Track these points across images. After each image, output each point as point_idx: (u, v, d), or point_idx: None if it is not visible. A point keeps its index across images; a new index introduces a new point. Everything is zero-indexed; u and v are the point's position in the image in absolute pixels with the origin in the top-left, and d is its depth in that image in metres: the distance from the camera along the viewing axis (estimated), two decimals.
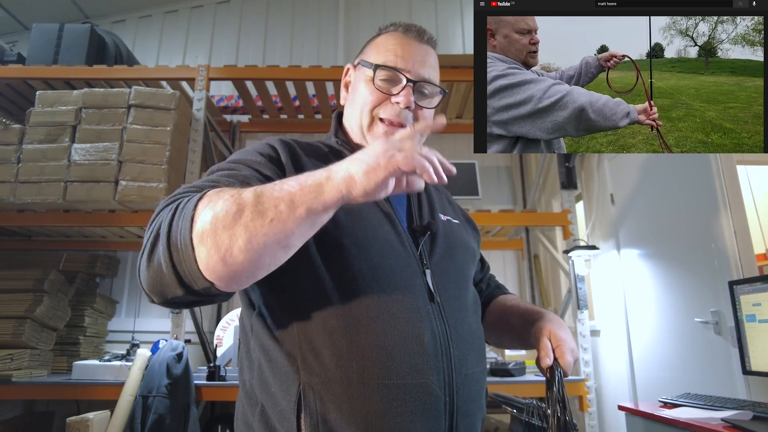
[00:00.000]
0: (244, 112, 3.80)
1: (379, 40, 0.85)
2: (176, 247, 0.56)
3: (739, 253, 1.89)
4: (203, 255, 0.55)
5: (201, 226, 0.55)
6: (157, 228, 0.59)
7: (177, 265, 0.56)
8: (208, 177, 0.70)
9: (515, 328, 0.91)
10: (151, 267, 0.58)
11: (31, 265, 3.03)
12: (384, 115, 0.80)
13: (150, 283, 0.58)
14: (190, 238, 0.55)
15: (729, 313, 1.80)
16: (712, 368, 1.96)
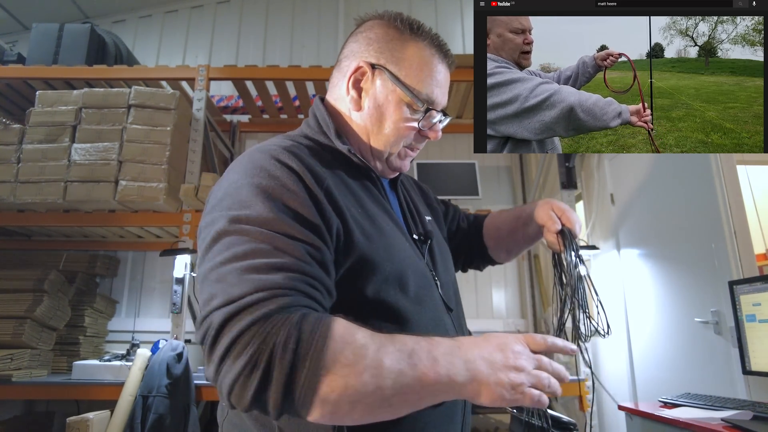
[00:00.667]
0: (244, 112, 3.80)
1: (417, 58, 0.77)
2: (294, 396, 0.51)
3: (739, 253, 1.89)
4: (316, 414, 0.52)
5: (327, 391, 0.51)
6: (269, 356, 0.51)
7: (284, 409, 0.52)
8: (275, 279, 0.56)
9: (518, 227, 0.98)
10: (252, 391, 0.51)
11: (31, 265, 3.03)
12: (414, 144, 0.82)
13: (245, 403, 0.52)
14: (312, 398, 0.51)
15: (729, 313, 1.80)
16: (712, 368, 1.96)
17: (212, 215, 0.65)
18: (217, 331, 0.54)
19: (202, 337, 0.56)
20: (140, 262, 3.56)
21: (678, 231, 2.21)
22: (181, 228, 2.76)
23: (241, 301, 0.54)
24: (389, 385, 0.52)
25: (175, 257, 2.64)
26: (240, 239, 0.59)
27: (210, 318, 0.55)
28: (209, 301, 0.57)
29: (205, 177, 2.70)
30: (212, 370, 0.54)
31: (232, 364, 0.52)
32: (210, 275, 0.59)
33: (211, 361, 0.54)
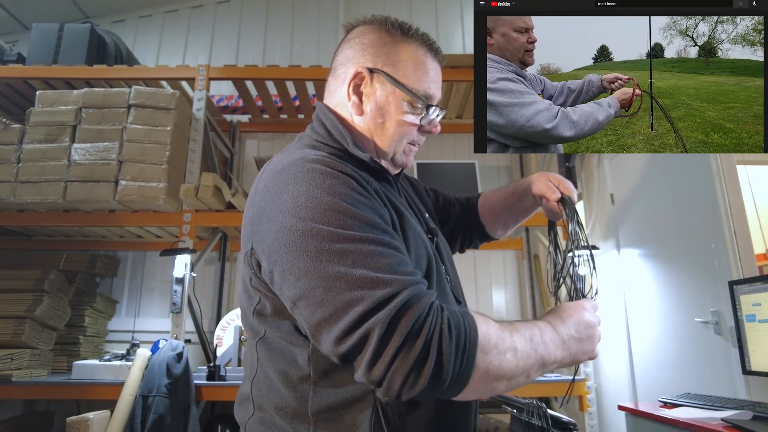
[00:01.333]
0: (244, 112, 3.80)
1: (411, 59, 0.81)
2: (458, 376, 0.59)
3: (739, 253, 1.89)
4: (471, 389, 0.61)
5: (483, 369, 0.61)
6: (438, 346, 0.58)
7: (448, 390, 0.60)
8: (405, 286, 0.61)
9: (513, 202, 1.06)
10: (427, 379, 0.57)
11: (31, 265, 3.03)
12: (416, 140, 0.86)
13: (416, 390, 0.58)
14: (469, 376, 0.60)
15: (729, 313, 1.80)
16: (712, 368, 1.96)
17: (292, 227, 0.63)
18: (386, 334, 0.57)
19: (356, 344, 0.58)
20: (140, 262, 3.56)
21: (678, 231, 2.21)
22: (181, 228, 2.76)
23: (395, 303, 0.58)
24: (522, 364, 0.64)
25: (175, 257, 2.64)
26: (350, 244, 0.61)
27: (368, 324, 0.57)
28: (351, 306, 0.58)
29: (205, 177, 2.69)
30: (381, 370, 0.57)
31: (404, 358, 0.57)
32: (333, 282, 0.59)
33: (380, 363, 0.57)
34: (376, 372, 0.57)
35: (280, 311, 0.70)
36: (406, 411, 0.68)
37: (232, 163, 3.76)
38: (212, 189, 2.66)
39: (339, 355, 0.60)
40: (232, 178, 3.58)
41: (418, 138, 0.86)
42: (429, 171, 3.32)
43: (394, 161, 0.86)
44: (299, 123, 3.82)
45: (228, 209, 2.90)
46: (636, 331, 2.51)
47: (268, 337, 0.74)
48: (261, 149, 3.88)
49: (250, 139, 3.94)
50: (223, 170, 3.56)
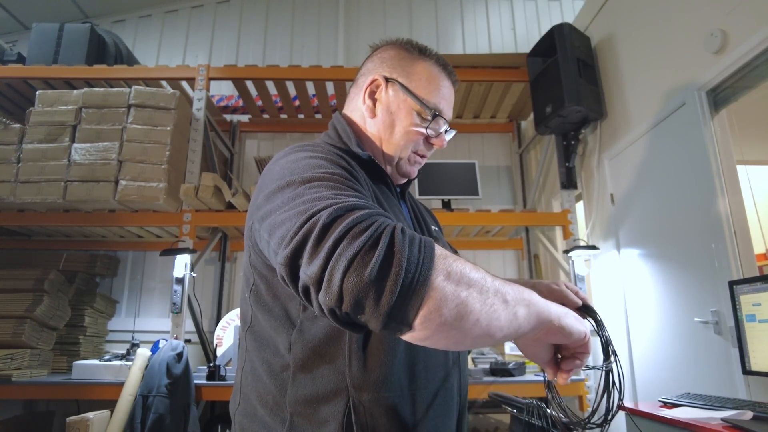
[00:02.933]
0: (244, 111, 3.80)
1: (425, 72, 0.87)
2: (417, 267, 0.50)
3: (739, 253, 1.89)
4: (430, 304, 0.49)
5: (445, 267, 0.51)
6: (389, 237, 0.51)
7: (405, 284, 0.49)
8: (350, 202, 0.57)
9: None
10: (373, 265, 0.48)
11: (31, 265, 3.03)
12: (421, 151, 0.89)
13: (363, 279, 0.48)
14: (430, 274, 0.50)
15: (729, 313, 1.80)
16: (712, 368, 1.96)
17: (276, 181, 0.66)
18: (329, 222, 0.53)
19: (299, 244, 0.53)
20: (140, 262, 3.56)
21: (678, 231, 2.21)
22: (181, 228, 2.76)
23: (348, 203, 0.55)
24: (494, 290, 0.53)
25: (175, 257, 2.64)
26: (319, 184, 0.62)
27: (313, 220, 0.54)
28: (304, 213, 0.56)
29: (205, 177, 2.69)
30: (322, 258, 0.50)
31: (348, 244, 0.50)
32: (289, 205, 0.59)
33: (319, 250, 0.51)
34: (316, 263, 0.51)
35: (274, 292, 0.73)
36: (378, 412, 0.67)
37: (232, 163, 3.76)
38: (212, 189, 2.67)
39: (285, 261, 0.54)
40: (232, 178, 3.58)
41: (425, 149, 0.89)
42: (429, 171, 3.32)
43: (399, 168, 0.89)
44: (299, 123, 3.83)
45: (228, 209, 2.90)
46: (636, 331, 2.51)
47: (256, 326, 0.77)
48: (261, 149, 3.89)
49: (250, 139, 3.94)
50: (223, 170, 3.56)
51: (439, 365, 0.75)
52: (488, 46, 4.18)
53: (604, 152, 2.86)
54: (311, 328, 0.70)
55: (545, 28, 3.19)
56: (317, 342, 0.69)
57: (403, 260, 0.49)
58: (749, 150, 3.16)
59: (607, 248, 2.80)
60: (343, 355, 0.68)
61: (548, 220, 3.11)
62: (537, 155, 3.70)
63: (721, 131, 2.05)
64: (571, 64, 2.78)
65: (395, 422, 0.68)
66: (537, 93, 3.05)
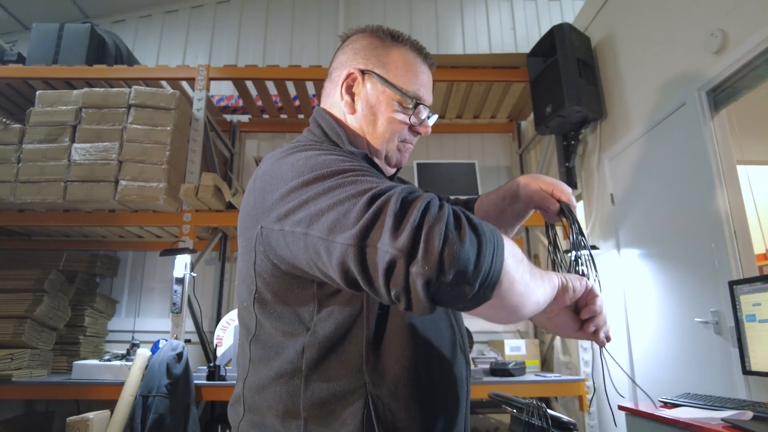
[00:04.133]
0: (244, 112, 3.80)
1: (399, 59, 0.83)
2: (496, 244, 0.53)
3: (739, 253, 1.89)
4: (512, 269, 0.55)
5: (510, 246, 0.56)
6: (457, 214, 0.53)
7: (494, 257, 0.52)
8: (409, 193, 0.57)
9: (504, 207, 1.03)
10: (457, 228, 0.51)
11: (31, 265, 3.03)
12: (408, 139, 0.87)
13: (449, 241, 0.50)
14: (503, 251, 0.54)
15: (729, 313, 1.80)
16: (712, 368, 1.96)
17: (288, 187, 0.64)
18: (405, 200, 0.54)
19: (373, 216, 0.53)
20: (140, 262, 3.56)
21: (678, 231, 2.21)
22: (181, 228, 2.76)
23: (403, 186, 0.57)
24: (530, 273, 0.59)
25: (175, 257, 2.64)
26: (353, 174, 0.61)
27: (383, 198, 0.54)
28: (362, 194, 0.56)
29: (205, 177, 2.70)
30: (410, 230, 0.50)
31: (438, 218, 0.51)
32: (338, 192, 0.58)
33: (405, 224, 0.51)
34: (405, 235, 0.50)
35: (282, 298, 0.71)
36: (396, 408, 0.68)
37: (232, 163, 3.76)
38: (212, 189, 2.67)
39: (353, 241, 0.53)
40: (232, 178, 3.58)
41: (410, 137, 0.87)
42: (429, 171, 3.32)
43: (388, 160, 0.87)
44: (299, 123, 3.83)
45: (228, 209, 2.90)
46: (636, 331, 2.51)
47: (262, 335, 0.74)
48: (261, 149, 3.89)
49: (250, 139, 3.94)
50: (223, 170, 3.56)
51: (450, 356, 0.76)
52: (488, 46, 4.17)
53: (604, 152, 2.86)
54: (324, 327, 0.69)
55: (545, 28, 3.18)
56: (332, 341, 0.68)
57: (485, 234, 0.52)
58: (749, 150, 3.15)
59: (607, 248, 2.80)
60: (359, 352, 0.68)
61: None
62: (537, 155, 3.70)
63: (721, 131, 2.05)
64: (571, 64, 2.78)
65: (414, 416, 0.68)
66: (537, 93, 3.05)
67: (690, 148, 2.12)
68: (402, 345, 0.69)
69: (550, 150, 3.33)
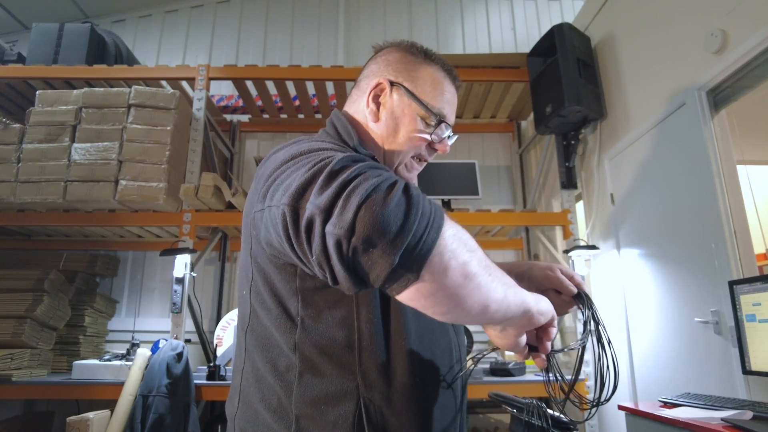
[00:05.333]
0: (244, 111, 3.80)
1: (430, 77, 0.85)
2: (429, 216, 0.50)
3: (739, 253, 1.89)
4: (448, 250, 0.50)
5: (451, 228, 0.52)
6: (392, 182, 0.50)
7: (420, 225, 0.48)
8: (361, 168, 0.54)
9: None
10: (393, 202, 0.47)
11: (31, 265, 3.03)
12: (424, 156, 0.88)
13: (368, 201, 0.47)
14: (440, 227, 0.50)
15: (729, 313, 1.80)
16: (712, 368, 1.96)
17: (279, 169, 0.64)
18: (341, 164, 0.52)
19: (310, 177, 0.53)
20: (140, 261, 3.56)
21: (678, 231, 2.21)
22: (181, 228, 2.76)
23: (361, 157, 0.56)
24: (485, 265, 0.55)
25: (175, 257, 2.64)
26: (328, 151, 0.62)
27: (324, 162, 0.54)
28: (314, 165, 0.56)
29: (205, 177, 2.70)
30: (334, 188, 0.49)
31: (365, 179, 0.49)
32: (300, 164, 0.59)
33: (331, 183, 0.50)
34: (327, 193, 0.49)
35: (272, 288, 0.71)
36: (388, 412, 0.67)
37: (232, 163, 3.76)
38: (212, 189, 2.67)
39: (288, 200, 0.53)
40: (232, 177, 3.58)
41: (426, 154, 0.88)
42: (429, 171, 3.32)
43: (397, 174, 0.87)
44: (299, 123, 3.83)
45: (228, 209, 2.90)
46: (636, 331, 2.51)
47: (255, 325, 0.74)
48: (261, 149, 3.89)
49: (250, 138, 3.95)
50: (223, 170, 3.56)
51: (445, 363, 0.76)
52: (488, 46, 4.17)
53: (604, 152, 2.86)
54: (317, 326, 0.68)
55: (545, 28, 3.19)
56: (325, 341, 0.68)
57: (420, 204, 0.49)
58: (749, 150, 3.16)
59: (607, 248, 2.80)
60: (352, 356, 0.67)
61: (548, 220, 3.11)
62: (537, 155, 3.70)
63: (721, 131, 2.05)
64: (571, 64, 2.78)
65: (406, 421, 0.68)
66: (537, 93, 3.05)
67: (690, 148, 2.12)
68: (397, 348, 0.69)
69: (550, 150, 3.33)
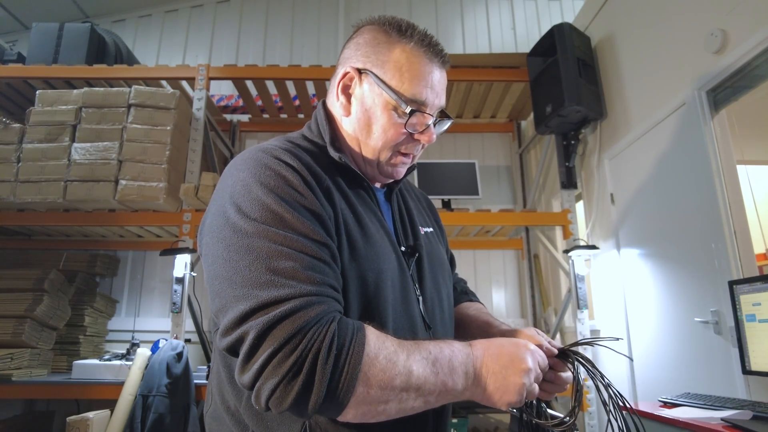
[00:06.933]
0: (244, 111, 3.80)
1: (401, 57, 0.73)
2: (333, 398, 0.55)
3: (739, 253, 1.89)
4: (350, 415, 0.57)
5: (364, 393, 0.56)
6: (312, 363, 0.55)
7: (323, 410, 0.56)
8: (306, 274, 0.59)
9: (490, 334, 0.85)
10: (293, 396, 0.54)
11: (31, 265, 3.03)
12: (405, 150, 0.78)
13: (284, 406, 0.55)
14: (349, 399, 0.56)
15: (729, 313, 1.80)
16: (712, 368, 1.96)
17: (223, 212, 0.64)
18: (258, 339, 0.56)
19: (234, 343, 0.58)
20: (140, 261, 3.56)
21: (678, 231, 2.21)
22: (181, 227, 2.76)
23: (279, 310, 0.56)
24: (415, 388, 0.59)
25: (175, 257, 2.64)
26: (264, 242, 0.60)
27: (246, 326, 0.56)
28: (236, 303, 0.58)
29: (205, 176, 2.70)
30: (250, 377, 0.56)
31: (274, 370, 0.54)
32: (232, 275, 0.59)
33: (249, 368, 0.56)
34: (246, 377, 0.56)
35: None
36: (333, 428, 0.65)
37: None
38: (212, 188, 2.67)
39: (224, 349, 0.60)
40: None
41: (410, 147, 0.78)
42: (429, 171, 3.32)
43: (380, 170, 0.79)
44: (299, 122, 3.82)
45: None
46: (636, 331, 2.51)
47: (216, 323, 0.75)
48: None
49: (250, 138, 3.95)
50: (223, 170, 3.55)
51: None
52: (488, 45, 4.17)
53: (604, 152, 2.86)
54: None
55: (545, 28, 3.19)
56: None
57: (321, 391, 0.54)
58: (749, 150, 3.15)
59: (607, 248, 2.80)
60: None
61: (548, 220, 3.11)
62: (537, 155, 3.70)
63: (721, 131, 2.05)
64: (571, 64, 2.78)
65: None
66: (537, 93, 3.05)
67: (690, 148, 2.12)
68: None
69: (550, 150, 3.33)
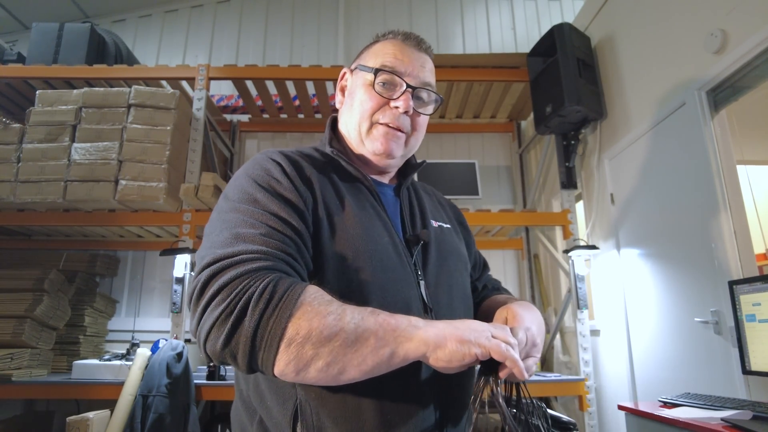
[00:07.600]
0: (244, 111, 3.80)
1: (377, 47, 0.86)
2: (262, 340, 0.57)
3: (739, 253, 1.89)
4: (282, 362, 0.57)
5: (293, 333, 0.57)
6: (244, 304, 0.57)
7: (253, 354, 0.57)
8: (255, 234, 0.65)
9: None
10: (224, 335, 0.57)
11: (31, 265, 3.03)
12: (383, 120, 0.82)
13: (217, 348, 0.57)
14: (278, 342, 0.57)
15: (729, 313, 1.80)
16: (712, 368, 1.96)
17: (219, 202, 0.75)
18: (204, 285, 0.60)
19: (190, 294, 0.62)
20: (140, 261, 3.56)
21: (678, 231, 2.21)
22: (181, 227, 2.76)
23: (227, 260, 0.61)
24: (351, 328, 0.57)
25: (175, 257, 2.64)
26: (234, 215, 0.68)
27: (199, 276, 0.62)
28: (200, 261, 0.64)
29: (205, 176, 2.69)
30: (195, 322, 0.60)
31: (211, 313, 0.58)
32: (205, 242, 0.68)
33: (195, 313, 0.60)
34: (193, 323, 0.61)
35: None
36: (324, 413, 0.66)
37: (232, 162, 3.76)
38: (212, 188, 2.67)
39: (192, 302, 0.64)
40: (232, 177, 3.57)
41: (388, 116, 0.81)
42: (429, 171, 3.32)
43: (369, 149, 0.83)
44: (299, 122, 3.83)
45: None
46: (636, 331, 2.51)
47: None
48: (261, 149, 3.88)
49: (250, 138, 3.95)
50: (223, 170, 3.56)
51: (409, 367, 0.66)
52: (488, 45, 4.17)
53: (604, 152, 2.86)
54: None
55: (545, 28, 3.19)
56: None
57: (250, 329, 0.56)
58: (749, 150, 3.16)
59: (607, 248, 2.80)
60: None
61: (548, 220, 3.11)
62: (537, 155, 3.70)
63: (721, 131, 2.05)
64: (571, 64, 2.78)
65: (344, 425, 0.65)
66: (537, 93, 3.05)
67: (690, 148, 2.12)
68: None
69: (550, 150, 3.33)
